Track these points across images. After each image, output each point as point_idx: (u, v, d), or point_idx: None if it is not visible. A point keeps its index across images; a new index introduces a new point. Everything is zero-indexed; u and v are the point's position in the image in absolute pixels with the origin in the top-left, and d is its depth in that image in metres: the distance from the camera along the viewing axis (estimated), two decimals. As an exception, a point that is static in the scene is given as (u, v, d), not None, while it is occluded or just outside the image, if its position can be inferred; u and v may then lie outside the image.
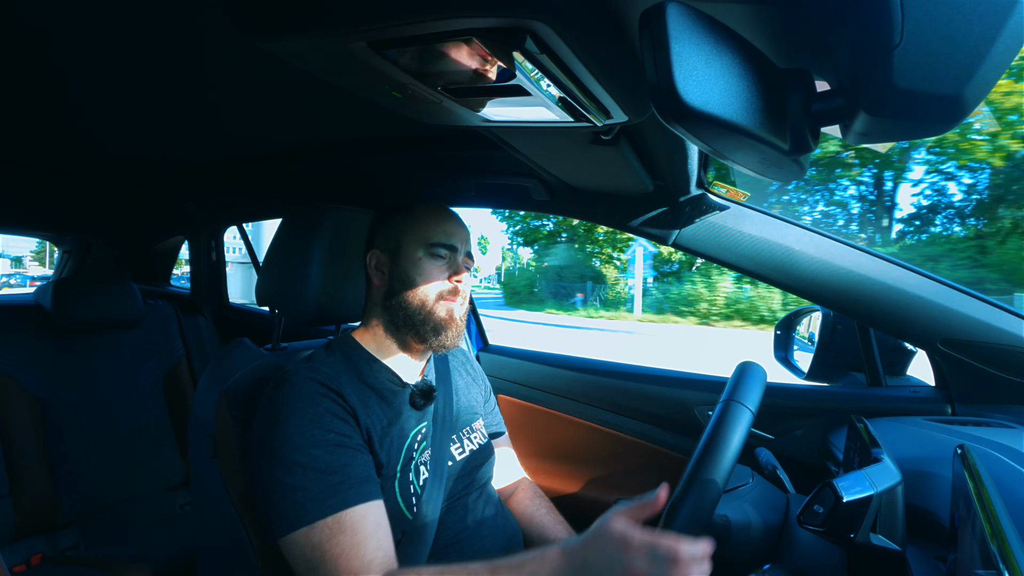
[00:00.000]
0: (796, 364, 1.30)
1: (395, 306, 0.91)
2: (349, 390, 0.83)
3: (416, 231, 0.92)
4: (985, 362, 0.96)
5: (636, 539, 0.60)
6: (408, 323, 0.90)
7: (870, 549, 0.62)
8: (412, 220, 0.93)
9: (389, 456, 0.84)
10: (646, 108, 0.68)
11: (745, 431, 0.66)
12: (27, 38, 0.76)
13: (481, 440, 1.02)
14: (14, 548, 1.37)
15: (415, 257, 0.91)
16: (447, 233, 0.92)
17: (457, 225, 0.95)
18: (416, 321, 0.90)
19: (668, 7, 0.38)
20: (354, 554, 0.72)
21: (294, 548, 0.72)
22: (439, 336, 0.90)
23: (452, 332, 0.91)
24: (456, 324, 0.92)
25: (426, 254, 0.91)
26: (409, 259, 0.91)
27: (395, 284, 0.91)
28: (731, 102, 0.40)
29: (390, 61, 0.57)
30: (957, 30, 0.36)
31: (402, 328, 0.91)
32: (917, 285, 0.98)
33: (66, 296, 1.51)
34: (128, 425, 1.63)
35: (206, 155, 1.43)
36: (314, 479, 0.73)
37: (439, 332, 0.90)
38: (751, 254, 1.06)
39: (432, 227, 0.92)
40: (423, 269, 0.90)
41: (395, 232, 0.93)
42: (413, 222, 0.93)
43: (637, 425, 1.34)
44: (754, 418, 0.68)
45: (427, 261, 0.91)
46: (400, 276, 0.91)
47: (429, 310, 0.90)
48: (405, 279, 0.91)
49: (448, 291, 0.91)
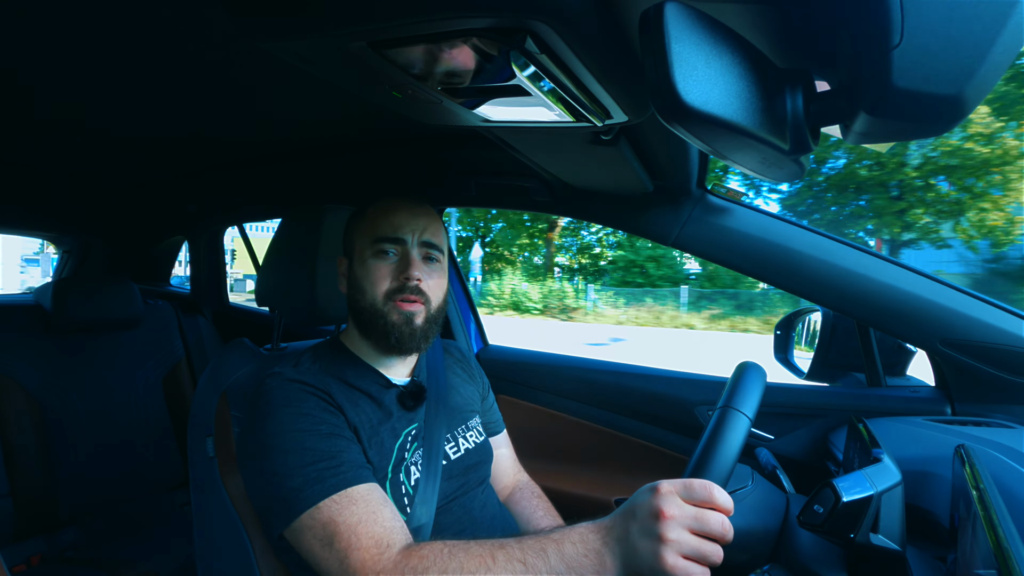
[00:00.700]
0: (796, 364, 1.30)
1: (355, 312, 0.88)
2: (335, 389, 0.82)
3: (364, 230, 0.87)
4: (985, 362, 0.96)
5: (670, 508, 0.56)
6: (366, 328, 0.86)
7: (870, 549, 0.62)
8: (363, 218, 0.89)
9: (380, 456, 0.82)
10: (646, 108, 0.68)
11: (741, 441, 0.66)
12: (27, 38, 0.76)
13: (477, 439, 1.00)
14: (14, 548, 1.37)
15: (363, 258, 0.86)
16: (393, 226, 0.85)
17: (406, 216, 0.87)
18: (371, 326, 0.85)
19: (668, 7, 0.38)
20: (373, 520, 0.68)
21: (302, 533, 0.69)
22: (397, 340, 0.84)
23: (407, 336, 0.84)
24: (412, 327, 0.85)
25: (372, 253, 0.85)
26: (359, 261, 0.87)
27: (351, 289, 0.88)
28: (731, 102, 0.40)
29: (390, 61, 0.57)
30: (957, 30, 0.36)
31: (365, 333, 0.87)
32: (917, 285, 0.98)
33: (66, 296, 1.50)
34: (128, 425, 1.63)
35: (206, 155, 1.43)
36: (311, 465, 0.71)
37: (393, 336, 0.84)
38: (751, 254, 1.06)
39: (379, 222, 0.86)
40: (369, 270, 0.85)
41: (351, 234, 0.90)
42: (363, 220, 0.88)
43: (637, 425, 1.34)
44: (751, 424, 0.68)
45: (372, 261, 0.85)
46: (353, 280, 0.87)
47: (380, 313, 0.84)
48: (356, 283, 0.87)
49: (396, 290, 0.84)
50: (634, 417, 1.34)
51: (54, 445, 1.46)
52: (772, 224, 1.06)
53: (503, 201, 1.33)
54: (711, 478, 0.63)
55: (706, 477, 0.63)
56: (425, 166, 1.27)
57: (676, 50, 0.38)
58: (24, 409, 1.43)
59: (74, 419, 1.52)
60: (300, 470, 0.71)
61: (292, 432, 0.74)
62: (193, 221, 1.98)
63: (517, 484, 1.14)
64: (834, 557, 0.74)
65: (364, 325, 0.87)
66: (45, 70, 0.87)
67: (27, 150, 1.36)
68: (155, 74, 0.88)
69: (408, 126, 1.13)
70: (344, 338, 0.93)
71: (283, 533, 0.71)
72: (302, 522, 0.69)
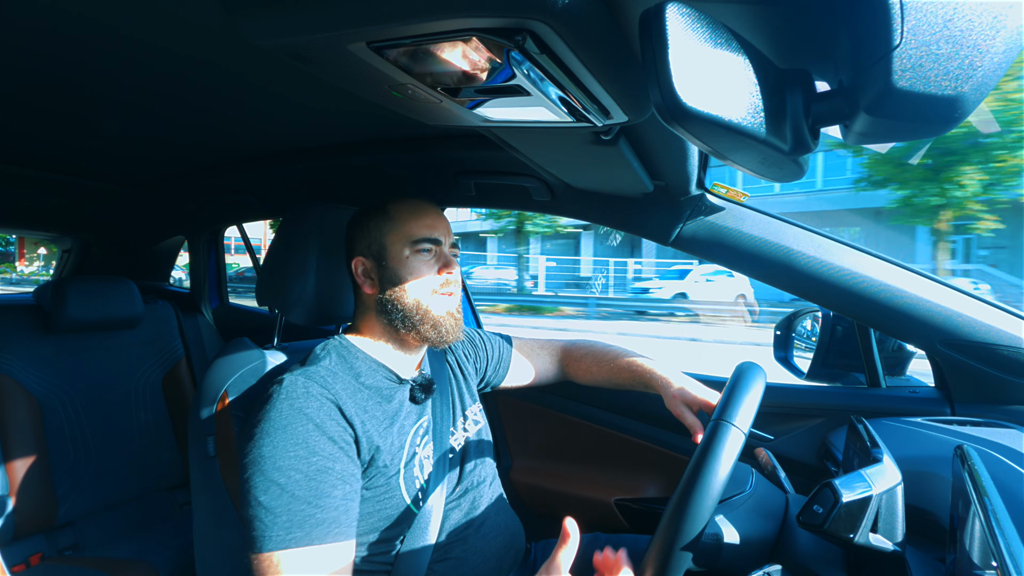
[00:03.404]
0: (796, 364, 1.30)
1: (391, 309, 0.90)
2: (346, 396, 0.81)
3: (397, 230, 0.91)
4: (985, 363, 0.96)
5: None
6: (406, 323, 0.90)
7: (870, 549, 0.62)
8: (390, 220, 0.92)
9: (392, 455, 0.84)
10: (646, 108, 0.68)
11: (734, 458, 0.66)
12: (27, 39, 0.76)
13: (475, 426, 1.03)
14: (14, 548, 1.37)
15: (402, 257, 0.90)
16: (429, 227, 0.92)
17: (437, 217, 0.94)
18: (414, 320, 0.89)
19: (668, 7, 0.38)
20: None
21: (259, 564, 0.71)
22: (439, 332, 0.90)
23: (451, 326, 0.91)
24: (454, 318, 0.92)
25: (412, 252, 0.90)
26: (397, 260, 0.90)
27: (386, 287, 0.90)
28: (731, 102, 0.40)
29: (390, 61, 0.57)
30: (957, 30, 0.36)
31: (401, 329, 0.90)
32: (917, 286, 0.98)
33: (66, 296, 1.50)
34: (128, 425, 1.63)
35: (206, 155, 1.43)
36: (287, 504, 0.71)
37: (438, 328, 0.90)
38: (751, 254, 1.06)
39: (412, 224, 0.91)
40: (412, 267, 0.90)
41: (376, 235, 0.92)
42: (392, 222, 0.92)
43: (637, 425, 1.34)
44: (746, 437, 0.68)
45: (414, 259, 0.90)
46: (390, 278, 0.90)
47: (425, 308, 0.90)
48: (396, 280, 0.90)
49: (440, 285, 0.91)
50: (634, 417, 1.34)
51: (54, 445, 1.46)
52: (772, 224, 1.06)
53: (503, 201, 1.33)
54: (702, 497, 0.63)
55: (697, 496, 0.63)
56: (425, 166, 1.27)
57: (676, 50, 0.38)
58: (23, 409, 1.43)
59: (74, 419, 1.52)
60: (276, 506, 0.71)
61: (284, 461, 0.73)
62: (193, 221, 1.98)
63: (560, 358, 1.25)
64: (834, 557, 0.74)
65: (405, 321, 0.89)
66: (45, 71, 0.87)
67: (28, 150, 1.36)
68: (155, 74, 0.88)
69: (407, 126, 1.13)
70: (353, 337, 0.94)
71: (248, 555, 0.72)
72: (253, 560, 0.70)
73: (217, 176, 1.54)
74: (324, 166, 1.34)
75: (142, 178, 1.66)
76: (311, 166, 1.35)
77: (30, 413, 1.44)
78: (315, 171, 1.38)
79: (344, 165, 1.31)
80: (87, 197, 1.78)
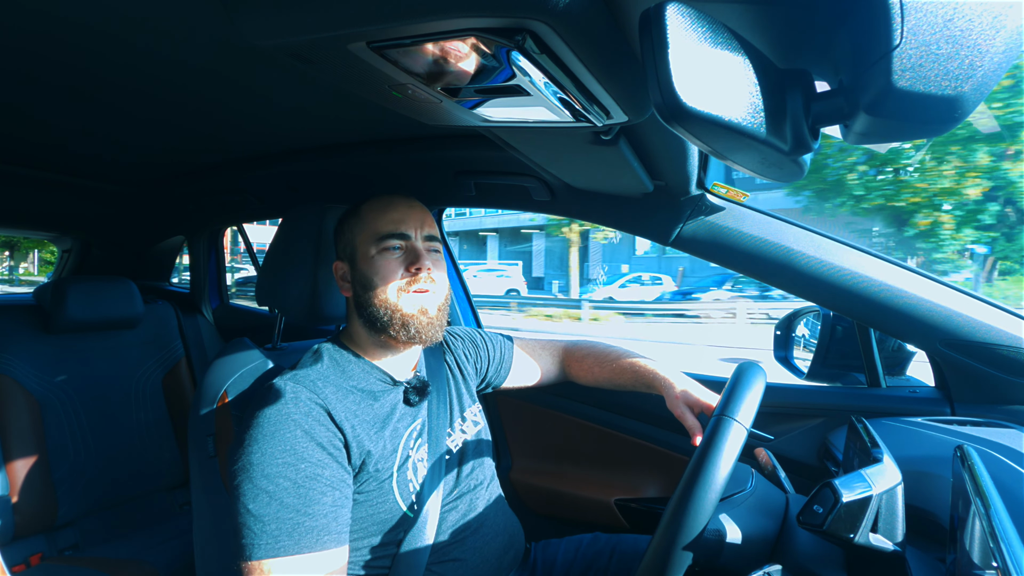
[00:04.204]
0: (796, 364, 1.30)
1: (365, 312, 0.88)
2: (335, 400, 0.80)
3: (364, 229, 0.89)
4: (985, 363, 0.96)
5: None
6: (378, 324, 0.87)
7: (869, 549, 0.62)
8: (360, 220, 0.90)
9: (384, 459, 0.83)
10: (646, 108, 0.68)
11: (736, 453, 0.66)
12: (27, 39, 0.76)
13: (473, 428, 1.02)
14: (14, 548, 1.37)
15: (369, 256, 0.87)
16: (394, 222, 0.88)
17: (406, 210, 0.90)
18: (385, 321, 0.86)
19: (668, 7, 0.38)
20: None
21: (248, 573, 0.70)
22: (409, 331, 0.86)
23: (423, 325, 0.87)
24: (427, 316, 0.88)
25: (378, 251, 0.87)
26: (364, 260, 0.88)
27: (358, 290, 0.89)
28: (731, 102, 0.40)
29: (390, 61, 0.57)
30: (957, 30, 0.36)
31: (378, 330, 0.88)
32: (917, 286, 0.98)
33: (66, 296, 1.50)
34: (128, 425, 1.63)
35: (206, 156, 1.43)
36: (276, 512, 0.70)
37: (408, 327, 0.86)
38: (751, 254, 1.06)
39: (379, 220, 0.88)
40: (378, 267, 0.87)
41: (348, 237, 0.91)
42: (361, 222, 0.90)
43: (637, 425, 1.34)
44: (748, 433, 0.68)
45: (379, 258, 0.87)
46: (360, 280, 0.89)
47: (394, 307, 0.86)
48: (364, 282, 0.88)
49: (407, 283, 0.87)
50: (634, 417, 1.34)
51: (54, 445, 1.46)
52: (772, 224, 1.06)
53: (503, 201, 1.33)
54: (704, 491, 0.63)
55: (700, 490, 0.64)
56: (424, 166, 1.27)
57: (676, 50, 0.38)
58: (23, 409, 1.43)
59: (74, 419, 1.52)
60: (265, 514, 0.70)
61: (273, 469, 0.72)
62: (193, 221, 1.98)
63: (562, 359, 1.23)
64: (834, 557, 0.74)
65: (377, 323, 0.87)
66: (45, 71, 0.87)
67: (28, 150, 1.36)
68: (155, 74, 0.88)
69: (407, 126, 1.13)
70: (345, 339, 0.93)
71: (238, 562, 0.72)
72: (249, 567, 0.70)
73: (217, 176, 1.54)
74: (324, 166, 1.34)
75: (142, 178, 1.66)
76: (311, 166, 1.35)
77: (30, 413, 1.44)
78: (315, 171, 1.38)
79: (343, 165, 1.31)
80: (87, 197, 1.78)
